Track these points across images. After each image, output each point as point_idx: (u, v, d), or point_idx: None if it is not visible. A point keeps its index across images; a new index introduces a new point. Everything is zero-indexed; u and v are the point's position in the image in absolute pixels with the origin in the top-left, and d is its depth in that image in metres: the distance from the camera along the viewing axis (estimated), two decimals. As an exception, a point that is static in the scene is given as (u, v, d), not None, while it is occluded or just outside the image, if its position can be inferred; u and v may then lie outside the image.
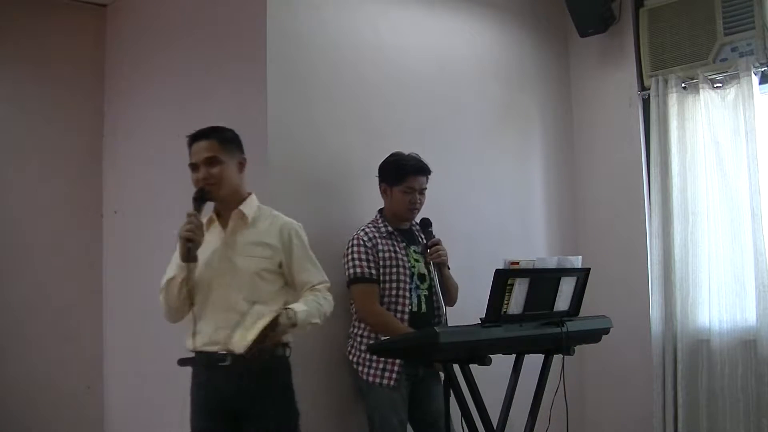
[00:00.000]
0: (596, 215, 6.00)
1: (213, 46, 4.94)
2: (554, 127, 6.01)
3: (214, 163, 3.64)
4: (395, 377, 4.24)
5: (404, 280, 4.32)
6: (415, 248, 4.47)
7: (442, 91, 5.26)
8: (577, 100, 6.17)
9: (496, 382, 4.02)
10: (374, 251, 4.33)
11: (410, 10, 5.18)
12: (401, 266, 4.34)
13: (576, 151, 6.13)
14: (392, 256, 4.34)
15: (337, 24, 4.79)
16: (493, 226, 5.40)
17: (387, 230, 4.41)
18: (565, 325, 3.92)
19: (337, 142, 4.69)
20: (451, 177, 5.12)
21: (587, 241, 5.94)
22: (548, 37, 6.05)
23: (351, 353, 4.38)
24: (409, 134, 4.92)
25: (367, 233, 4.38)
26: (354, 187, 4.65)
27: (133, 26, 5.77)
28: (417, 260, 4.43)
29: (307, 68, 4.62)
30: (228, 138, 3.74)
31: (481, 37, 5.59)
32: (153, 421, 4.89)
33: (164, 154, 4.91)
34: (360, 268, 4.31)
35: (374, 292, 4.32)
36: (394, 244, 4.39)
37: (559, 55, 6.13)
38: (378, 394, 4.26)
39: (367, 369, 4.29)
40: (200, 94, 4.99)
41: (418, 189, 4.42)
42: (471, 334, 3.65)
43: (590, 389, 5.89)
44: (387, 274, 4.33)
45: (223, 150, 3.67)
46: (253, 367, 3.48)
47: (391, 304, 4.31)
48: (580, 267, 4.07)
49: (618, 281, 5.69)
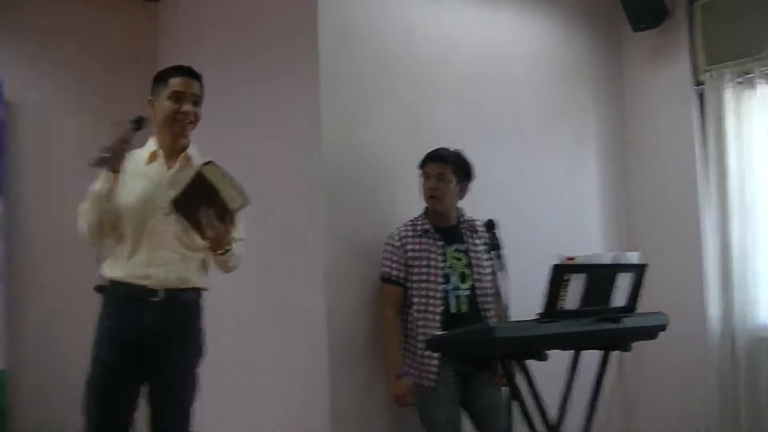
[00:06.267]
0: (651, 211, 5.95)
1: (263, 42, 4.99)
2: (608, 123, 5.98)
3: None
4: (433, 377, 4.24)
5: (434, 281, 4.31)
6: (457, 247, 4.44)
7: (492, 86, 5.26)
8: (630, 96, 6.13)
9: (553, 378, 4.02)
10: (402, 251, 4.35)
11: (461, 5, 5.18)
12: (431, 266, 4.33)
13: (630, 147, 6.08)
14: (422, 255, 4.34)
15: (388, 19, 4.81)
16: (547, 222, 5.38)
17: (423, 228, 4.40)
18: (622, 322, 3.89)
19: (388, 138, 4.71)
20: (504, 173, 5.12)
21: (642, 237, 5.88)
22: (601, 33, 6.02)
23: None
24: (460, 130, 4.92)
25: (399, 232, 4.41)
26: (404, 182, 4.66)
27: (183, 22, 5.86)
28: (458, 259, 4.41)
29: (358, 65, 4.65)
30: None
31: (532, 32, 5.58)
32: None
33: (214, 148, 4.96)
34: (386, 267, 4.39)
35: (391, 294, 4.37)
36: (429, 242, 4.37)
37: (612, 50, 6.09)
38: (424, 392, 4.27)
39: (410, 369, 4.31)
40: (250, 91, 5.05)
41: (433, 175, 4.40)
42: (527, 330, 3.64)
43: (647, 386, 5.83)
44: (416, 274, 4.34)
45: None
46: (177, 306, 3.57)
47: (422, 305, 4.31)
48: (637, 263, 4.05)
49: (674, 278, 5.62)
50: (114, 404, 3.54)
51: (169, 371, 3.57)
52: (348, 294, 4.45)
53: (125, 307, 3.57)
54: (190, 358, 3.66)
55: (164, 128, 3.66)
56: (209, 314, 3.74)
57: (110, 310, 3.61)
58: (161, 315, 3.53)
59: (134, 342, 3.52)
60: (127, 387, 3.56)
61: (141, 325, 3.52)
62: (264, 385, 4.86)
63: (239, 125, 5.13)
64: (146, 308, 3.53)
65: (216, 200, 3.41)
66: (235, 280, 4.13)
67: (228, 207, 3.43)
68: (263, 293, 4.89)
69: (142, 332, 3.52)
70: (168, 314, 3.55)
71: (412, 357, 4.31)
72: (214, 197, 3.41)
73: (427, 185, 4.41)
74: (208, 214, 3.40)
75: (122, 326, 3.55)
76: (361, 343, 4.45)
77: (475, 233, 4.50)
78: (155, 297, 3.53)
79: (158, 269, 3.54)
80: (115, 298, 3.60)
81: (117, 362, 3.53)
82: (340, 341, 4.39)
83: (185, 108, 3.63)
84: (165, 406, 3.60)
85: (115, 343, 3.55)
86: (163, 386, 3.59)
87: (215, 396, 3.99)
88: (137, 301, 3.54)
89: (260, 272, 4.81)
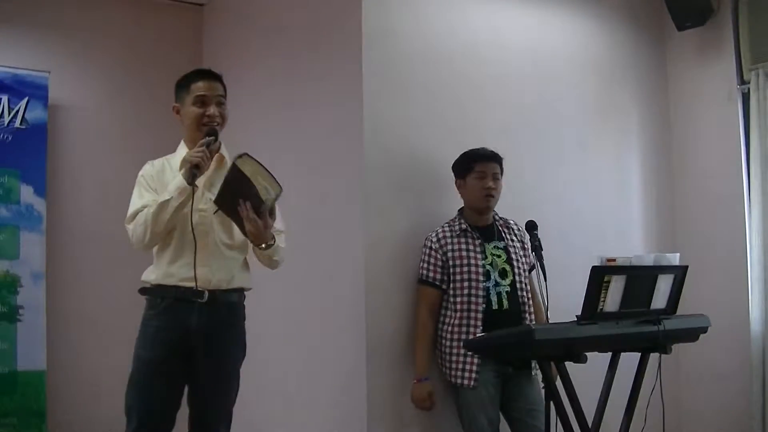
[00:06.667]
0: (694, 212, 5.88)
1: (307, 45, 5.01)
2: (651, 123, 5.92)
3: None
4: (475, 377, 4.23)
5: (476, 279, 4.30)
6: (496, 244, 4.44)
7: (537, 87, 5.23)
8: (674, 95, 6.06)
9: (591, 381, 3.99)
10: (441, 253, 4.36)
11: (504, 5, 5.16)
12: (473, 264, 4.33)
13: (673, 147, 6.01)
14: (462, 255, 4.34)
15: (431, 21, 4.80)
16: (588, 223, 5.34)
17: (461, 228, 4.41)
18: (662, 324, 3.87)
19: (432, 139, 4.71)
20: (546, 173, 5.11)
21: (685, 238, 5.82)
22: (645, 31, 5.96)
23: (436, 353, 4.41)
24: (503, 131, 4.91)
25: (437, 234, 4.41)
26: (446, 184, 4.65)
27: (228, 25, 5.90)
28: (498, 256, 4.40)
29: (402, 66, 4.65)
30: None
31: (576, 32, 5.54)
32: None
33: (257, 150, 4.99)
34: (423, 269, 4.40)
35: (429, 297, 4.38)
36: (468, 241, 4.38)
37: (655, 49, 6.03)
38: (464, 393, 4.27)
39: (450, 370, 4.32)
40: (294, 93, 5.08)
41: (490, 174, 4.41)
42: (566, 332, 3.64)
43: (686, 388, 5.77)
44: (458, 273, 4.33)
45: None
46: (221, 307, 3.61)
47: (464, 304, 4.30)
48: (678, 265, 4.01)
49: (716, 279, 5.56)
50: (156, 403, 3.59)
51: (211, 372, 3.61)
52: (388, 296, 4.46)
53: (171, 308, 3.62)
54: (232, 359, 3.71)
55: (193, 133, 3.71)
56: (251, 315, 3.77)
57: (156, 312, 3.66)
58: (206, 316, 3.58)
59: (179, 343, 3.58)
60: (170, 386, 3.61)
61: (186, 327, 3.57)
62: (302, 386, 4.90)
63: (282, 128, 5.16)
64: (191, 310, 3.58)
65: (252, 192, 3.44)
66: (278, 281, 4.17)
67: (263, 198, 3.45)
68: (305, 295, 4.92)
69: (187, 333, 3.57)
70: (212, 315, 3.59)
71: (453, 357, 4.30)
72: (250, 189, 3.44)
73: (482, 184, 4.40)
74: (247, 208, 3.44)
75: (168, 327, 3.60)
76: (399, 345, 4.44)
77: (510, 231, 4.53)
78: (200, 298, 3.57)
79: (202, 271, 3.58)
80: (161, 300, 3.65)
81: (160, 362, 3.59)
82: (379, 343, 4.40)
83: (211, 111, 3.70)
84: (206, 406, 3.65)
85: (160, 343, 3.61)
86: (205, 387, 3.63)
87: (255, 396, 4.02)
88: (183, 303, 3.59)
89: (302, 274, 4.84)
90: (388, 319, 4.44)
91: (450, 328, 4.32)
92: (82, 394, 5.52)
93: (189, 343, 3.57)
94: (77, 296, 5.63)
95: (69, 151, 5.67)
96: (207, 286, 3.58)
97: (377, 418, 4.36)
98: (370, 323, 4.38)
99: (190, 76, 3.77)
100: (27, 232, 5.41)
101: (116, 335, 5.05)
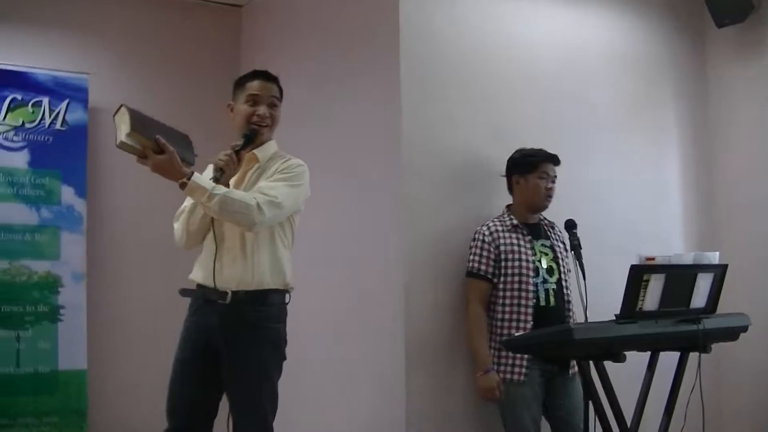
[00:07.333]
0: (733, 211, 5.82)
1: (345, 45, 5.03)
2: (689, 121, 5.87)
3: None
4: (525, 371, 4.23)
5: (526, 274, 4.32)
6: (543, 242, 4.47)
7: (573, 85, 5.21)
8: (713, 93, 6.00)
9: (630, 380, 3.97)
10: (494, 246, 4.37)
11: (541, 4, 5.15)
12: (524, 260, 4.34)
13: (713, 145, 5.95)
14: (514, 249, 4.36)
15: (468, 20, 4.80)
16: (626, 222, 5.31)
17: (512, 223, 4.43)
18: (702, 323, 3.85)
19: (468, 137, 4.71)
20: (583, 172, 5.08)
21: (725, 237, 5.77)
22: (683, 29, 5.91)
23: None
24: (539, 130, 4.89)
25: (489, 227, 4.42)
26: (484, 182, 4.67)
27: (266, 26, 5.93)
28: (545, 254, 4.43)
29: (438, 65, 4.65)
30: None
31: (614, 30, 5.51)
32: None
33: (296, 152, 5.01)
34: (474, 263, 4.39)
35: (480, 290, 4.37)
36: (519, 237, 4.40)
37: (694, 46, 5.97)
38: (509, 390, 4.25)
39: (499, 365, 4.30)
40: (332, 93, 5.10)
41: (551, 176, 4.48)
42: (605, 331, 3.62)
43: (726, 388, 5.72)
44: (509, 268, 4.34)
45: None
46: (244, 308, 3.55)
47: (514, 299, 4.31)
48: (718, 263, 3.99)
49: (756, 278, 5.51)
50: (188, 404, 3.61)
51: (238, 374, 3.57)
52: (426, 296, 4.46)
53: (199, 310, 3.66)
54: (257, 361, 3.59)
55: (241, 131, 3.72)
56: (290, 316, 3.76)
57: (189, 313, 3.71)
58: (228, 316, 3.57)
59: (205, 343, 3.59)
60: (202, 388, 3.61)
61: (209, 327, 3.58)
62: (341, 387, 4.92)
63: (321, 128, 5.19)
64: (215, 310, 3.58)
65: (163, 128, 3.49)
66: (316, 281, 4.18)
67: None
68: (343, 295, 4.94)
69: (210, 333, 3.58)
70: (235, 317, 3.56)
71: (503, 352, 4.29)
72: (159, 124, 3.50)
73: (543, 184, 4.45)
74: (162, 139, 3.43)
75: (196, 329, 3.64)
76: (437, 345, 4.45)
77: (554, 231, 4.57)
78: (223, 299, 3.57)
79: (227, 270, 3.60)
80: (193, 301, 3.70)
81: (190, 362, 3.62)
82: (417, 343, 4.41)
83: (261, 111, 3.70)
84: (237, 411, 3.58)
85: (189, 344, 3.65)
86: (235, 391, 3.60)
87: (292, 397, 4.02)
88: (209, 303, 3.61)
89: (340, 274, 4.85)
90: (426, 318, 4.45)
91: (500, 323, 4.32)
92: (123, 394, 5.58)
93: (213, 344, 3.57)
94: (117, 296, 5.70)
95: (109, 152, 5.69)
96: (229, 287, 3.57)
97: (416, 418, 4.36)
98: (407, 323, 4.39)
99: (247, 76, 3.78)
100: (68, 233, 5.49)
101: (156, 335, 5.12)
